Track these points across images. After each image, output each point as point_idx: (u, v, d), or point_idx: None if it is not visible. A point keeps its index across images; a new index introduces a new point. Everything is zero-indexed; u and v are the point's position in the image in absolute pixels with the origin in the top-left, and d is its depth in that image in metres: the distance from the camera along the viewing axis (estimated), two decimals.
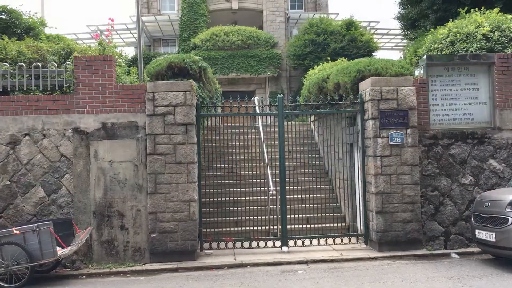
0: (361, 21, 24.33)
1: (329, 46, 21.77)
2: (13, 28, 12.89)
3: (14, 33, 12.63)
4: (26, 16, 13.45)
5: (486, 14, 10.96)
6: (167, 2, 28.30)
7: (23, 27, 13.02)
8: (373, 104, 8.81)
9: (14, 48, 9.34)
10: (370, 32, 25.27)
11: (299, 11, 28.14)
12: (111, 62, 8.78)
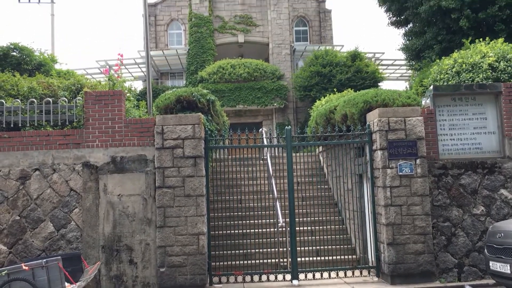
0: (366, 52, 24.62)
1: (335, 77, 21.97)
2: (25, 65, 13.17)
3: (26, 69, 12.90)
4: (37, 53, 13.76)
5: (490, 45, 11.06)
6: (174, 36, 28.89)
7: (34, 64, 13.30)
8: (381, 134, 8.82)
9: (25, 85, 9.51)
10: (375, 63, 25.54)
11: (304, 44, 28.59)
12: (120, 97, 8.90)
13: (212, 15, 26.44)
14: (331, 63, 22.65)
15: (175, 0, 29.33)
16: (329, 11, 30.72)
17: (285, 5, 26.63)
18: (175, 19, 29.31)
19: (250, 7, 26.86)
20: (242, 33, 26.64)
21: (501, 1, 14.65)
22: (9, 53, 13.34)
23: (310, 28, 29.93)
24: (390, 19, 19.62)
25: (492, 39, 11.96)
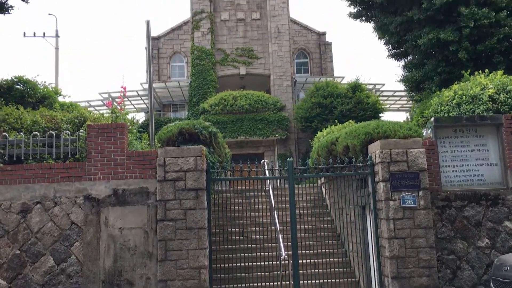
0: (367, 84, 24.85)
1: (336, 109, 22.11)
2: (29, 98, 13.31)
3: (29, 102, 13.03)
4: (41, 86, 13.91)
5: (490, 76, 11.17)
6: (177, 69, 29.28)
7: (38, 97, 13.44)
8: (383, 166, 8.81)
9: (29, 118, 9.59)
10: (376, 94, 25.74)
11: (305, 75, 28.92)
12: (123, 130, 8.95)
13: (214, 48, 26.85)
14: (332, 94, 22.84)
15: (178, 34, 29.85)
16: (329, 43, 31.20)
17: (286, 38, 27.04)
18: (177, 52, 29.77)
19: (251, 40, 27.29)
20: (244, 65, 26.97)
21: (499, 33, 14.87)
22: (14, 86, 13.50)
23: (311, 60, 30.33)
24: (389, 52, 19.86)
25: (491, 71, 12.09)
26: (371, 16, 20.07)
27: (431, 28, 16.06)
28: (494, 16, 14.76)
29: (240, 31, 27.33)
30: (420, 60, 17.72)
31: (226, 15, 27.36)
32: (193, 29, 26.88)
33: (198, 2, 26.92)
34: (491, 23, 14.86)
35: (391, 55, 19.79)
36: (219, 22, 27.30)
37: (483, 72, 11.75)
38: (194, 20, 26.87)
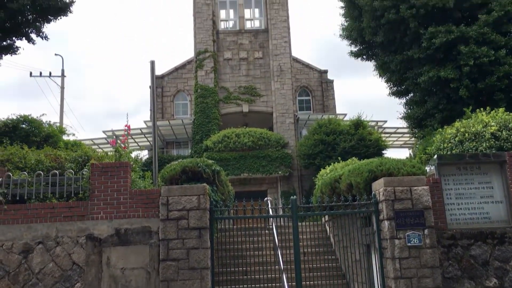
0: (369, 121, 24.97)
1: (339, 146, 22.14)
2: (33, 137, 13.41)
3: (34, 141, 13.12)
4: (46, 125, 14.04)
5: (492, 114, 11.24)
6: (180, 107, 29.57)
7: (43, 135, 13.54)
8: (388, 204, 8.75)
9: (33, 157, 9.64)
10: (378, 131, 25.82)
11: (307, 113, 29.13)
12: (126, 168, 8.97)
13: (217, 86, 27.17)
14: (334, 131, 22.92)
15: (182, 72, 30.32)
16: (331, 81, 31.59)
17: (288, 76, 27.40)
18: (181, 90, 30.15)
19: (254, 78, 27.64)
20: (247, 103, 27.23)
21: (499, 71, 15.05)
22: (19, 126, 13.64)
23: (313, 98, 30.63)
24: (390, 89, 20.09)
25: (493, 108, 12.17)
26: (372, 55, 20.43)
27: (431, 66, 16.30)
28: (493, 54, 14.99)
29: (243, 69, 27.74)
30: (421, 97, 17.90)
31: (229, 54, 27.83)
32: (196, 68, 27.29)
33: (202, 42, 27.45)
34: (490, 61, 15.07)
35: (393, 92, 20.00)
36: (222, 61, 27.75)
37: (485, 110, 11.84)
38: (198, 59, 27.32)
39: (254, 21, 29.30)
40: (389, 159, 10.24)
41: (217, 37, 27.89)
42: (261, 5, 28.92)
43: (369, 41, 19.61)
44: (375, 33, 18.34)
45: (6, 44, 16.14)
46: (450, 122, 13.94)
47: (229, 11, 29.31)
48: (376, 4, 16.95)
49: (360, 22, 19.18)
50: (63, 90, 29.37)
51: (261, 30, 28.35)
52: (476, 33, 15.26)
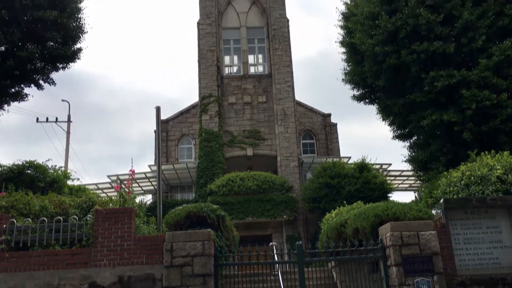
0: (373, 164, 24.93)
1: (344, 189, 22.01)
2: (38, 182, 13.43)
3: (39, 186, 13.12)
4: (51, 170, 14.08)
5: (497, 157, 11.23)
6: (185, 151, 29.71)
7: (48, 181, 13.56)
8: (395, 249, 8.61)
9: (37, 203, 9.61)
10: (383, 174, 25.72)
11: (311, 156, 29.18)
12: (131, 214, 8.92)
13: (222, 130, 27.36)
14: (339, 174, 22.84)
15: (186, 117, 30.65)
16: (335, 124, 31.81)
17: (292, 119, 27.60)
18: (186, 134, 30.38)
19: (258, 122, 27.86)
20: (251, 146, 27.32)
21: (502, 114, 15.11)
22: (24, 171, 13.70)
23: (317, 141, 30.75)
24: (394, 132, 20.16)
25: (497, 151, 12.16)
26: (375, 99, 20.64)
27: (434, 110, 16.40)
28: (495, 98, 15.10)
29: (247, 113, 28.01)
30: (425, 140, 17.93)
31: (233, 98, 28.18)
32: (201, 112, 27.58)
33: (206, 87, 27.86)
34: (493, 105, 15.17)
35: (396, 135, 20.06)
36: (226, 105, 28.07)
37: (489, 153, 11.82)
38: (202, 103, 27.66)
39: (258, 67, 29.84)
40: (395, 203, 10.17)
41: (222, 82, 28.34)
42: (265, 51, 29.53)
43: (371, 85, 19.85)
44: (377, 77, 18.60)
45: (15, 91, 16.45)
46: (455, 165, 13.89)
47: (233, 57, 29.92)
48: (377, 50, 17.27)
49: (362, 66, 19.49)
50: (68, 135, 29.65)
51: (265, 75, 28.83)
52: (477, 77, 15.45)
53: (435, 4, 16.25)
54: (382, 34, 17.07)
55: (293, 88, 28.48)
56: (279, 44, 28.85)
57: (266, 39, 29.49)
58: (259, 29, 29.92)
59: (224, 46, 29.54)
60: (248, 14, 29.94)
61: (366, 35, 18.06)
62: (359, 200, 16.63)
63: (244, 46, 29.39)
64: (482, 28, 15.75)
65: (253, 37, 29.82)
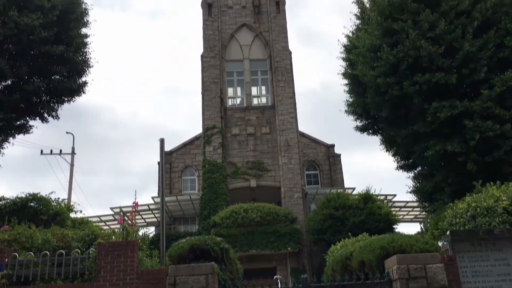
0: (378, 195, 24.77)
1: (348, 220, 21.80)
2: (41, 215, 13.39)
3: (42, 219, 13.07)
4: (54, 203, 14.06)
5: (502, 188, 11.15)
6: (188, 182, 29.67)
7: (51, 214, 13.52)
8: (402, 283, 8.47)
9: (40, 237, 9.55)
10: (388, 205, 25.54)
11: (315, 187, 29.08)
12: (133, 247, 8.83)
13: (225, 161, 27.37)
14: (343, 205, 22.67)
15: (190, 148, 30.75)
16: (338, 155, 31.82)
17: (295, 150, 27.63)
18: (189, 165, 30.42)
19: (261, 153, 27.89)
20: (254, 178, 27.26)
21: (506, 145, 15.08)
22: (27, 204, 13.68)
23: (321, 172, 30.69)
24: (398, 163, 20.11)
25: (503, 182, 12.08)
26: (378, 129, 20.69)
27: (437, 140, 16.39)
28: (498, 128, 15.09)
29: (250, 145, 28.08)
30: (429, 171, 17.87)
31: (236, 130, 28.30)
32: (204, 144, 27.66)
33: (210, 119, 28.03)
34: (496, 135, 15.15)
35: (400, 166, 20.00)
36: (230, 137, 28.16)
37: (495, 183, 11.75)
38: (206, 135, 27.78)
39: (261, 98, 30.09)
40: (401, 235, 10.07)
41: (225, 113, 28.53)
42: (268, 82, 29.84)
43: (374, 116, 19.94)
44: (379, 108, 18.68)
45: (20, 123, 16.59)
46: (460, 196, 13.79)
47: (237, 88, 30.22)
48: (379, 81, 17.41)
49: (365, 98, 19.61)
50: (72, 167, 29.71)
51: (268, 106, 29.03)
52: (480, 107, 15.50)
53: (436, 36, 16.46)
54: (384, 66, 17.25)
55: (296, 119, 28.63)
56: (282, 76, 29.17)
57: (269, 71, 29.84)
58: (262, 61, 30.32)
59: (228, 78, 29.88)
60: (251, 47, 30.40)
61: (368, 67, 18.24)
62: (364, 232, 16.46)
63: (247, 78, 29.71)
64: (483, 60, 15.90)
65: (256, 69, 30.18)
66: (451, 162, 16.40)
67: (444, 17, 16.47)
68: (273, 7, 30.76)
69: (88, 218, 17.85)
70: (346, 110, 21.71)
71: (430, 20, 16.50)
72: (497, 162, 15.38)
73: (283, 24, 30.54)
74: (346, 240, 14.84)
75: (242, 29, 30.61)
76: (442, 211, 13.24)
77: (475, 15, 16.12)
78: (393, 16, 17.35)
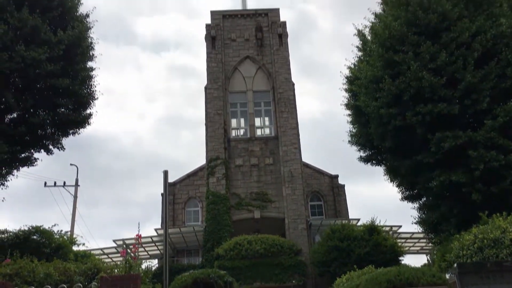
0: (383, 226, 24.52)
1: (354, 252, 21.51)
2: (44, 248, 13.29)
3: (44, 252, 12.97)
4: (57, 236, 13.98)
5: (509, 219, 11.04)
6: (192, 214, 29.53)
7: (53, 247, 13.42)
8: None
9: (42, 271, 9.47)
10: (394, 237, 25.24)
11: (320, 218, 28.87)
12: (136, 281, 8.73)
13: (229, 192, 27.27)
14: (348, 237, 22.39)
15: (193, 180, 30.73)
16: (342, 186, 31.69)
17: (299, 181, 27.53)
18: (193, 197, 30.32)
19: (265, 184, 27.80)
20: (258, 209, 27.09)
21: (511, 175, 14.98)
22: (30, 237, 13.59)
23: (325, 203, 30.51)
24: (403, 194, 19.98)
25: (509, 213, 11.95)
26: (381, 160, 20.65)
27: (442, 171, 16.31)
28: (503, 159, 15.03)
29: (254, 175, 28.02)
30: (434, 201, 17.72)
31: (240, 161, 28.30)
32: (208, 175, 27.62)
33: (213, 150, 28.09)
34: (501, 166, 15.07)
35: (405, 197, 19.87)
36: (233, 168, 28.14)
37: (501, 214, 11.62)
38: (210, 166, 27.77)
39: (264, 129, 30.21)
40: (408, 268, 9.93)
41: (229, 144, 28.60)
42: (271, 113, 30.01)
43: (377, 146, 19.92)
44: (383, 138, 18.69)
45: (25, 156, 16.65)
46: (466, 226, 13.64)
47: (240, 119, 30.38)
48: (382, 112, 17.47)
49: (368, 128, 19.65)
50: (75, 199, 29.63)
51: (271, 137, 29.11)
52: (483, 137, 15.48)
53: (437, 67, 16.59)
54: (386, 96, 17.34)
55: (299, 150, 28.65)
56: (285, 107, 29.35)
57: (272, 102, 30.06)
58: (265, 92, 30.58)
59: (231, 109, 30.09)
60: (254, 79, 30.72)
61: (371, 97, 18.35)
62: (370, 264, 16.24)
63: (251, 109, 29.91)
64: (485, 90, 15.97)
65: (259, 100, 30.42)
66: (456, 193, 16.28)
67: (445, 49, 16.63)
68: (276, 40, 31.22)
69: (91, 251, 17.72)
70: (349, 140, 21.73)
71: (431, 52, 16.66)
72: (502, 192, 15.25)
73: (286, 56, 30.94)
74: (352, 272, 14.63)
75: (245, 61, 31.01)
76: (449, 243, 13.07)
77: (476, 46, 16.28)
78: (394, 47, 17.56)
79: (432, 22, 16.84)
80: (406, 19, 17.29)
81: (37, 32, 15.14)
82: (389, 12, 18.28)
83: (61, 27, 16.16)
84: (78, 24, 16.55)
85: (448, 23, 16.84)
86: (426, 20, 16.89)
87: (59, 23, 16.24)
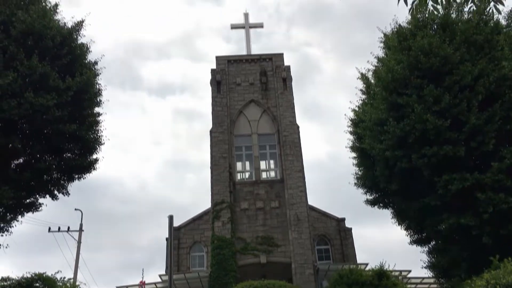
0: (392, 270, 23.96)
1: None
2: None
3: None
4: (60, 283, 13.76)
5: None
6: (196, 259, 29.04)
7: None
8: None
9: None
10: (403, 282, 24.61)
11: (327, 262, 28.27)
12: None
13: (234, 237, 26.89)
14: (357, 282, 21.82)
15: (199, 224, 30.40)
16: (349, 229, 31.22)
17: (305, 225, 27.17)
18: (198, 241, 29.91)
19: (271, 228, 27.43)
20: (264, 254, 26.62)
21: None
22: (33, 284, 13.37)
23: (332, 247, 29.98)
24: (411, 237, 19.69)
25: None
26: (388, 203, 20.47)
27: (450, 213, 16.14)
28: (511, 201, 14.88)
29: (259, 219, 27.70)
30: (443, 245, 17.45)
31: (245, 204, 28.06)
32: (213, 219, 27.34)
33: (218, 193, 27.93)
34: (510, 208, 14.89)
35: (414, 241, 19.58)
36: (239, 211, 27.87)
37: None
38: (215, 210, 27.54)
39: (270, 172, 30.11)
40: None
41: (234, 188, 28.45)
42: (276, 157, 29.99)
43: (384, 189, 19.79)
44: (389, 181, 18.60)
45: (30, 201, 16.62)
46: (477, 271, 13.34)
47: (245, 163, 30.34)
48: (388, 154, 17.46)
49: (374, 171, 19.59)
50: (79, 244, 29.33)
51: (277, 180, 28.96)
52: (491, 180, 15.38)
53: (441, 109, 16.69)
54: (391, 139, 17.38)
55: (305, 193, 28.43)
56: (290, 149, 29.36)
57: (277, 145, 30.11)
58: (270, 135, 30.67)
59: (236, 152, 30.11)
60: (259, 122, 30.91)
61: (376, 140, 18.39)
62: None
63: (256, 153, 29.92)
64: (491, 132, 15.98)
65: (264, 144, 30.48)
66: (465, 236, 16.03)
67: (448, 91, 16.78)
68: (280, 83, 31.62)
69: None
70: (355, 183, 21.63)
71: (434, 95, 16.80)
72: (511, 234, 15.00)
73: (290, 99, 31.24)
74: None
75: (250, 105, 31.30)
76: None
77: (479, 89, 16.42)
78: (397, 91, 17.74)
79: (434, 65, 17.07)
80: (408, 63, 17.55)
81: (46, 79, 15.40)
82: (392, 56, 18.58)
83: (70, 73, 16.44)
84: (87, 71, 16.86)
85: (450, 67, 17.05)
86: (428, 64, 17.12)
87: (68, 70, 16.55)
